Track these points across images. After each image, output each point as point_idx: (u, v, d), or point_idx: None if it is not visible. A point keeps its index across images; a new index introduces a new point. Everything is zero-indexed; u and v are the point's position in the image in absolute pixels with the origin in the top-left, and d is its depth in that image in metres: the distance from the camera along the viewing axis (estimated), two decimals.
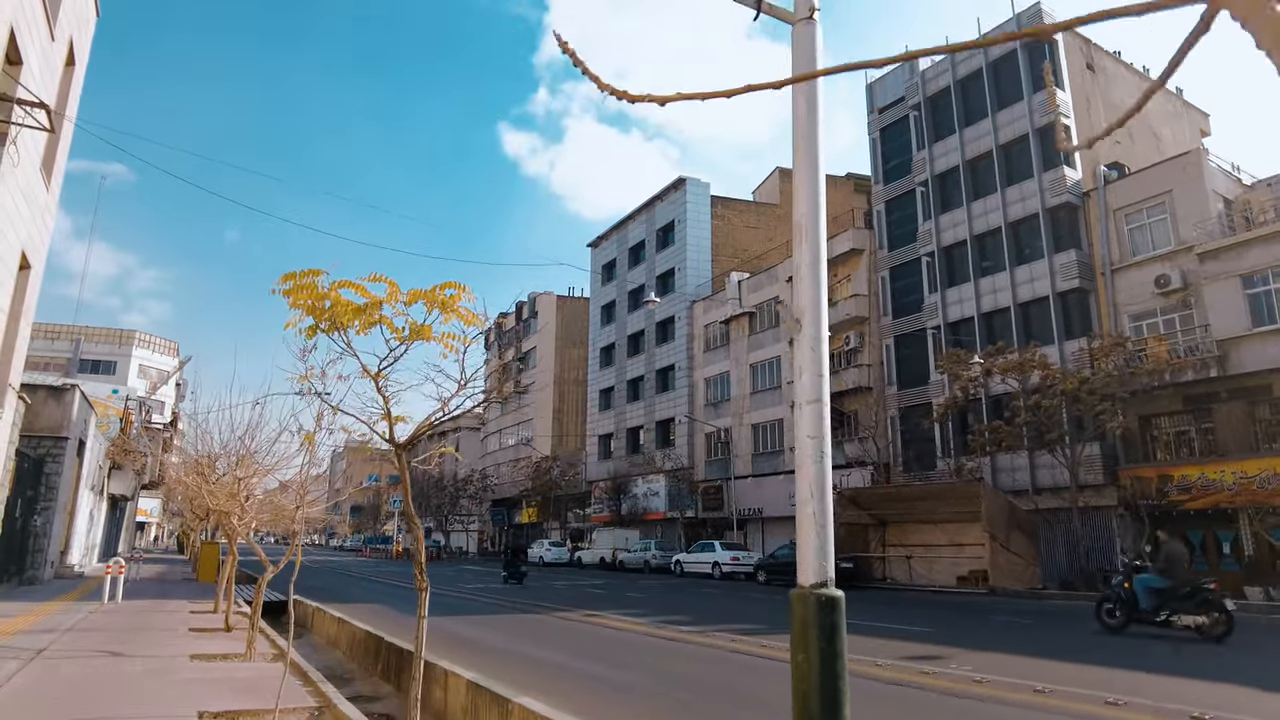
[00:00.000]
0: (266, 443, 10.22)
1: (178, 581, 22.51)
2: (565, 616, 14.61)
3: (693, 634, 11.78)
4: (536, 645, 11.03)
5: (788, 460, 37.60)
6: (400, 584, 25.79)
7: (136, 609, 13.84)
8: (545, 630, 12.74)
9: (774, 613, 15.97)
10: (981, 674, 8.18)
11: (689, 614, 15.15)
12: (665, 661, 9.46)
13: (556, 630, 12.80)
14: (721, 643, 10.81)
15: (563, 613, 15.21)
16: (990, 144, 31.22)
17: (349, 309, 3.76)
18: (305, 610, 14.71)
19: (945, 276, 32.37)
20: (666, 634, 11.90)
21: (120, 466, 33.32)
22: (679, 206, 48.63)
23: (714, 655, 9.70)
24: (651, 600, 18.32)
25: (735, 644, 10.68)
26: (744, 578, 29.14)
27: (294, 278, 3.76)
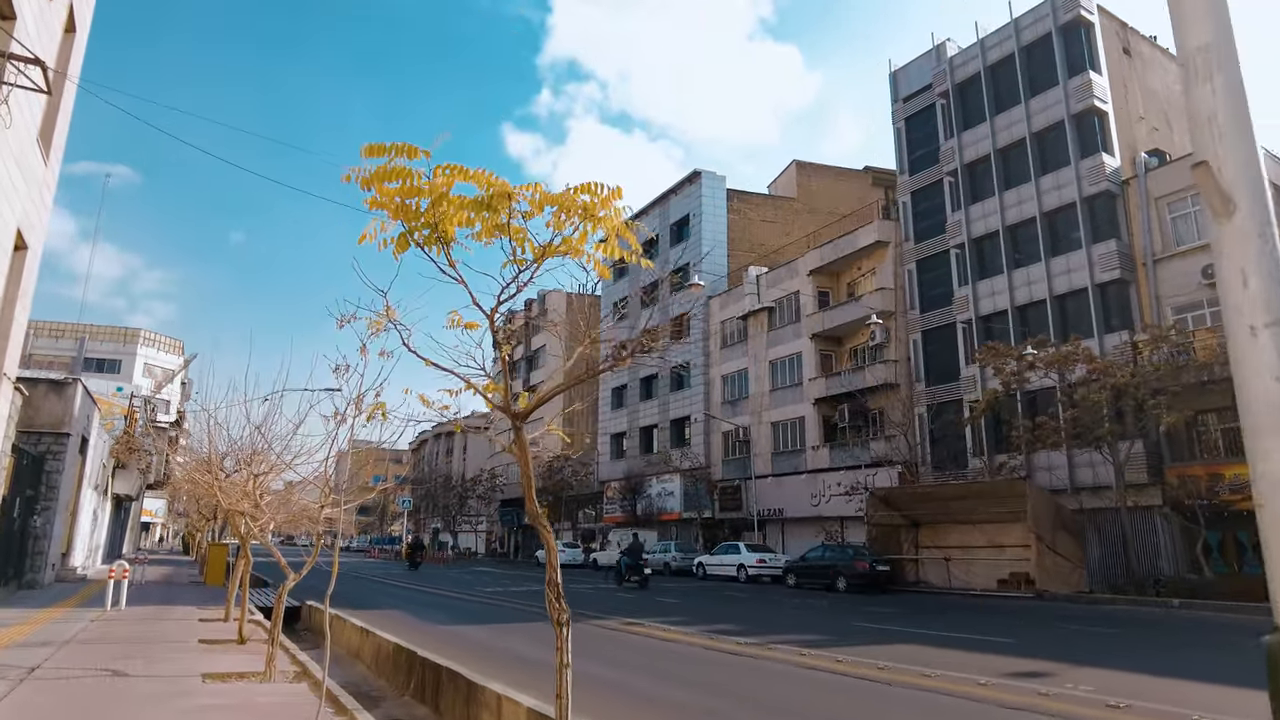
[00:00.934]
0: (282, 436, 9.23)
1: (184, 584, 21.55)
2: (603, 625, 13.59)
3: (753, 646, 10.74)
4: (584, 658, 9.98)
5: (810, 459, 36.57)
6: (416, 587, 24.81)
7: (141, 616, 12.85)
8: (587, 641, 11.70)
9: (826, 621, 14.94)
10: (1112, 696, 7.15)
11: (735, 622, 14.12)
12: (741, 681, 8.43)
13: (599, 641, 11.77)
14: (790, 657, 9.78)
15: (598, 620, 14.18)
16: (1023, 131, 30.12)
17: (462, 206, 2.70)
18: (321, 617, 13.72)
19: (976, 269, 31.28)
20: (726, 646, 10.86)
21: (125, 465, 32.39)
22: (694, 200, 47.60)
23: (794, 674, 8.65)
24: (688, 606, 17.28)
25: (808, 659, 9.64)
26: (769, 580, 28.10)
27: (382, 150, 2.67)
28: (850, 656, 9.64)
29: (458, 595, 21.34)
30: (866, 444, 33.64)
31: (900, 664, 9.03)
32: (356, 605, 17.65)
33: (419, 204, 2.71)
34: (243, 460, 9.06)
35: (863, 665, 8.95)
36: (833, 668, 8.89)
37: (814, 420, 36.79)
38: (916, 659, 9.49)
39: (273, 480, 9.33)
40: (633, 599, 19.48)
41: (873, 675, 8.39)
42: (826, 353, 37.67)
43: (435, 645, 9.86)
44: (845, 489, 30.72)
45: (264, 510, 8.80)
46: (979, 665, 9.03)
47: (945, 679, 8.11)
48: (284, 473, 8.91)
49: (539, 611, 16.11)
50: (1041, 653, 10.26)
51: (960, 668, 8.75)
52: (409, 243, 2.88)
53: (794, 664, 9.22)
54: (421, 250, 2.88)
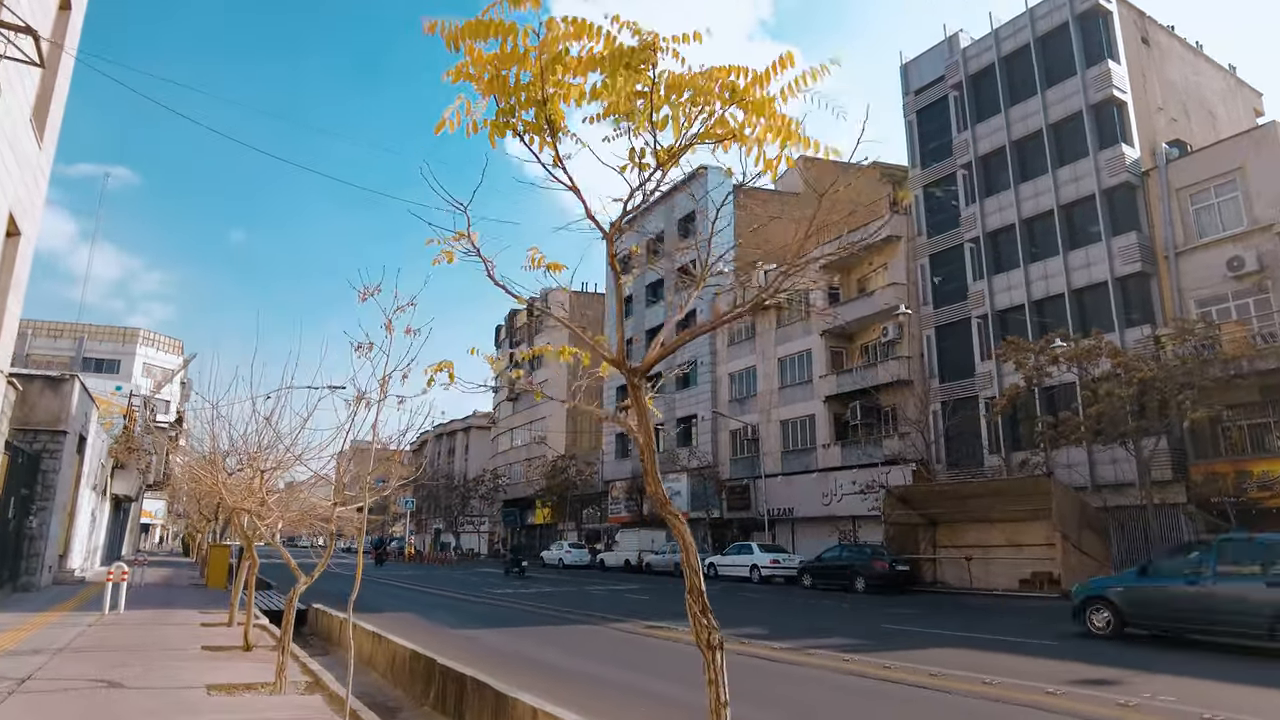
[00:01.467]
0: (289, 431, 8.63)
1: (185, 587, 20.96)
2: (622, 628, 12.99)
3: (789, 651, 10.17)
4: (609, 663, 9.43)
5: (820, 458, 35.99)
6: (421, 588, 24.22)
7: (141, 620, 12.25)
8: (612, 646, 11.14)
9: (855, 623, 14.35)
10: (1203, 708, 6.56)
11: (761, 625, 13.53)
12: (787, 690, 7.85)
13: (623, 646, 11.19)
14: (832, 663, 9.19)
15: (618, 624, 13.58)
16: (1039, 123, 29.54)
17: (589, 65, 2.04)
18: (330, 621, 13.13)
19: (992, 263, 30.70)
20: (759, 651, 10.27)
21: (124, 466, 31.79)
22: (701, 196, 46.96)
23: (844, 683, 8.06)
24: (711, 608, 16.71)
25: (853, 664, 9.06)
26: (782, 581, 27.50)
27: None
28: (896, 662, 9.06)
29: (466, 597, 20.75)
30: (879, 442, 33.05)
31: (953, 670, 8.45)
32: (361, 608, 17.06)
33: (519, 75, 2.11)
34: (248, 456, 8.46)
35: (915, 671, 8.38)
36: (883, 674, 8.30)
37: (824, 418, 36.20)
38: (968, 664, 8.92)
39: (280, 477, 8.73)
40: (648, 601, 18.89)
41: (928, 683, 7.81)
42: (837, 349, 37.10)
43: (452, 651, 9.29)
44: (860, 487, 30.12)
45: (271, 508, 8.21)
46: (1037, 671, 8.45)
47: (1008, 686, 7.54)
48: (293, 467, 8.32)
49: (554, 614, 15.53)
50: (1097, 657, 9.66)
51: (1018, 673, 8.17)
52: (507, 127, 2.26)
53: (839, 670, 8.64)
54: (522, 141, 2.28)
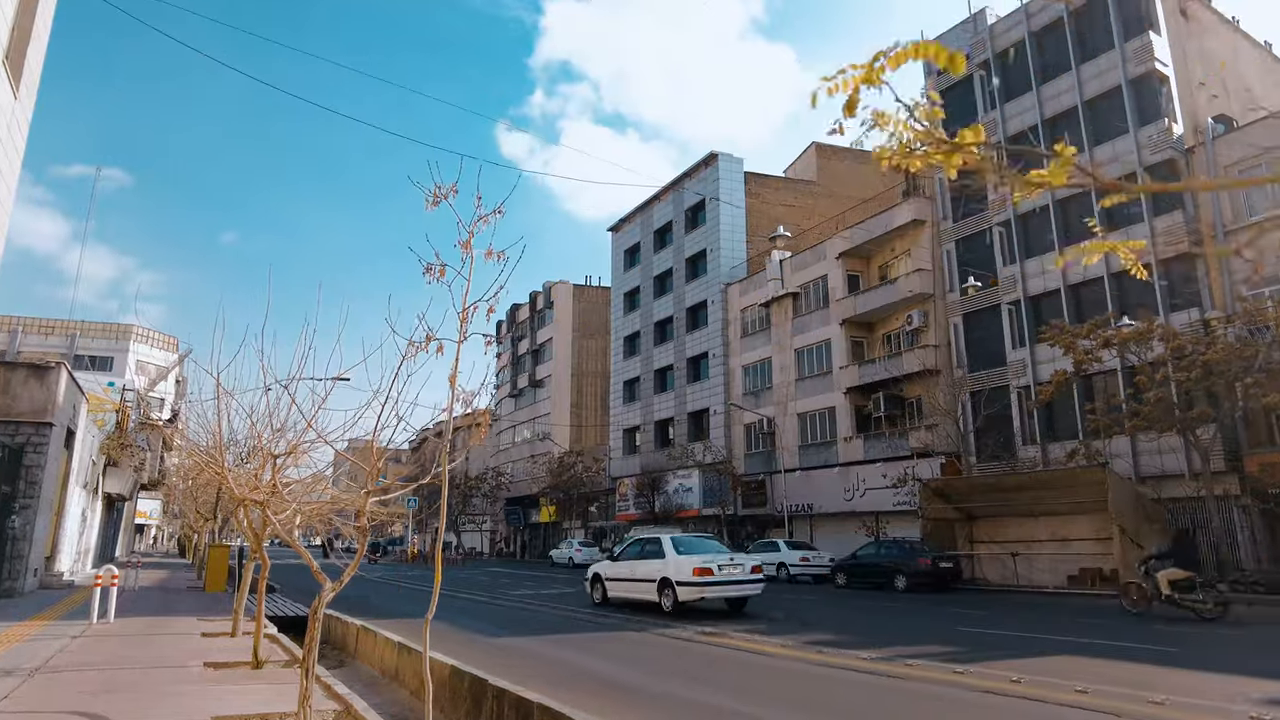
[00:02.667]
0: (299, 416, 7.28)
1: (181, 591, 19.57)
2: (674, 635, 11.65)
3: (879, 661, 8.85)
4: (684, 682, 8.09)
5: (842, 452, 34.72)
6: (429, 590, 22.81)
7: (133, 631, 10.88)
8: (673, 657, 9.80)
9: (925, 625, 13.05)
10: None
11: (824, 629, 12.23)
12: (929, 714, 6.52)
13: (685, 657, 9.86)
14: (945, 676, 7.87)
15: (664, 629, 12.23)
16: (1074, 100, 28.29)
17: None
18: (344, 629, 11.77)
19: (1023, 246, 29.45)
20: (847, 663, 8.96)
21: (117, 463, 30.32)
22: (710, 184, 45.65)
23: (989, 704, 6.71)
24: (750, 611, 15.33)
25: (969, 678, 7.74)
26: (811, 580, 26.20)
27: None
28: (1018, 674, 7.75)
29: (484, 599, 19.40)
30: (906, 434, 31.78)
31: (1102, 685, 7.14)
32: (377, 612, 15.73)
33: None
34: (257, 439, 7.10)
35: (1056, 688, 7.08)
36: (1024, 692, 6.99)
37: (845, 410, 34.92)
38: (1109, 677, 7.64)
39: (296, 464, 7.38)
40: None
41: (1090, 703, 6.49)
42: (858, 339, 35.80)
43: (494, 665, 7.96)
44: (891, 481, 28.82)
45: (286, 499, 6.85)
46: (1197, 687, 7.16)
47: (1191, 709, 6.24)
48: (315, 449, 6.99)
49: (588, 619, 14.19)
50: (1247, 667, 8.38)
51: (1185, 690, 6.88)
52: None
53: (965, 686, 7.32)
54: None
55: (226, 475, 6.75)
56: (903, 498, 29.46)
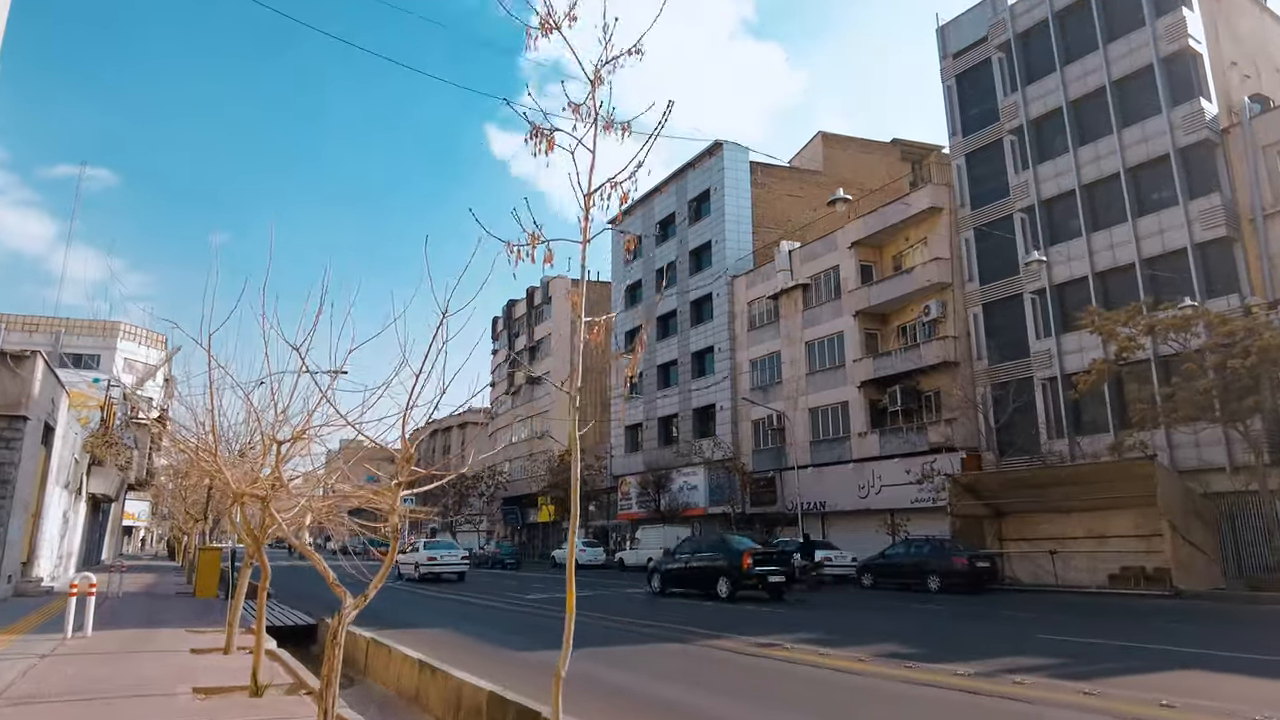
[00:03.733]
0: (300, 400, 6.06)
1: (170, 597, 18.24)
2: (723, 646, 10.44)
3: (980, 679, 7.65)
4: (761, 707, 6.88)
5: (855, 448, 33.60)
6: (443, 594, 21.58)
7: (112, 646, 9.61)
8: (738, 675, 8.60)
9: (994, 632, 11.92)
10: None
11: (890, 639, 11.02)
12: None
13: (749, 674, 8.66)
14: (1074, 698, 6.68)
15: (713, 640, 11.01)
16: (1101, 80, 27.22)
17: None
18: (351, 641, 10.51)
19: (1047, 233, 28.38)
20: (936, 679, 7.78)
21: (101, 462, 28.88)
22: (715, 174, 44.46)
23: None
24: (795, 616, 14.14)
25: (1112, 701, 6.56)
26: (832, 581, 25.05)
27: None
28: (1163, 695, 6.59)
29: (498, 604, 18.16)
30: (924, 429, 30.67)
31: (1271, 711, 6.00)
32: (385, 621, 14.46)
33: None
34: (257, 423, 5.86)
35: (1233, 715, 5.92)
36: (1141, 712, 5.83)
37: (859, 405, 33.80)
38: (1266, 699, 6.49)
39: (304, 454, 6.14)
40: (723, 608, 16.28)
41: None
42: (871, 331, 34.68)
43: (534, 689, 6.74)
44: (916, 477, 27.70)
45: (291, 493, 5.62)
46: None
47: None
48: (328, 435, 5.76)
49: (621, 627, 12.95)
50: None
51: None
52: None
53: (1110, 714, 6.14)
54: None
55: (222, 466, 5.50)
56: (923, 494, 28.40)
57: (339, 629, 4.50)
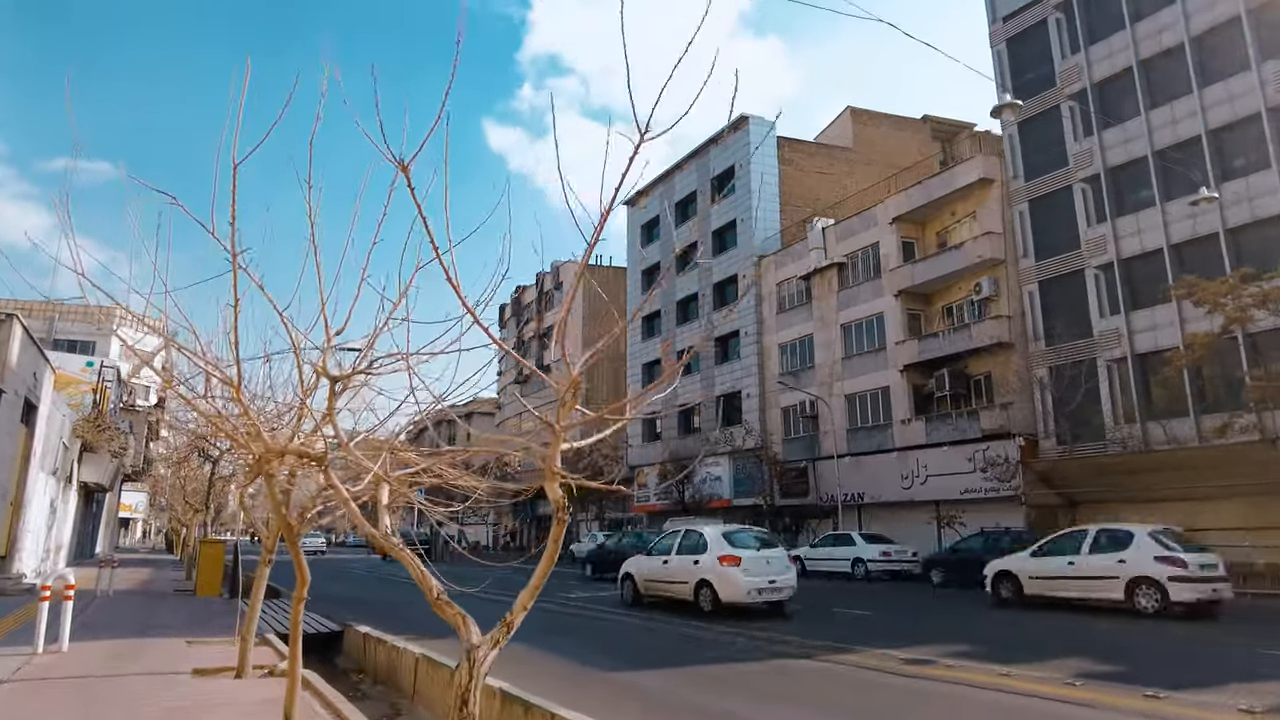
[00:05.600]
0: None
1: (167, 595, 16.20)
2: (854, 661, 8.43)
3: (1198, 708, 5.68)
4: None
5: (898, 435, 31.57)
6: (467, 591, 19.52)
7: (94, 664, 7.57)
8: (900, 705, 6.57)
9: (1150, 647, 9.91)
10: None
11: (1074, 654, 8.99)
12: None
13: (916, 703, 6.62)
14: None
15: (834, 655, 8.98)
16: (1178, 36, 25.10)
17: None
18: (393, 657, 8.47)
19: (1114, 204, 26.30)
20: (1181, 711, 5.78)
21: (93, 449, 26.80)
22: (740, 150, 42.28)
23: None
24: (897, 622, 12.14)
25: None
26: (889, 578, 23.02)
27: None
28: None
29: (542, 603, 16.04)
30: (975, 414, 28.64)
31: None
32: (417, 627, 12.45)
33: None
34: (295, 347, 3.79)
35: None
36: None
37: (902, 390, 31.77)
38: None
39: (365, 406, 4.09)
40: (801, 610, 14.25)
41: None
42: (914, 312, 32.62)
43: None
44: (979, 464, 25.70)
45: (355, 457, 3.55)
46: None
47: None
48: (396, 367, 3.72)
49: (712, 639, 10.90)
50: None
51: None
52: None
53: None
54: None
55: (248, 410, 3.46)
56: (987, 483, 26.41)
57: (469, 687, 2.47)
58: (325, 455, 3.37)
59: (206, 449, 17.80)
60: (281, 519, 4.72)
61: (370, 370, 3.73)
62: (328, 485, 3.52)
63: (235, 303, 3.32)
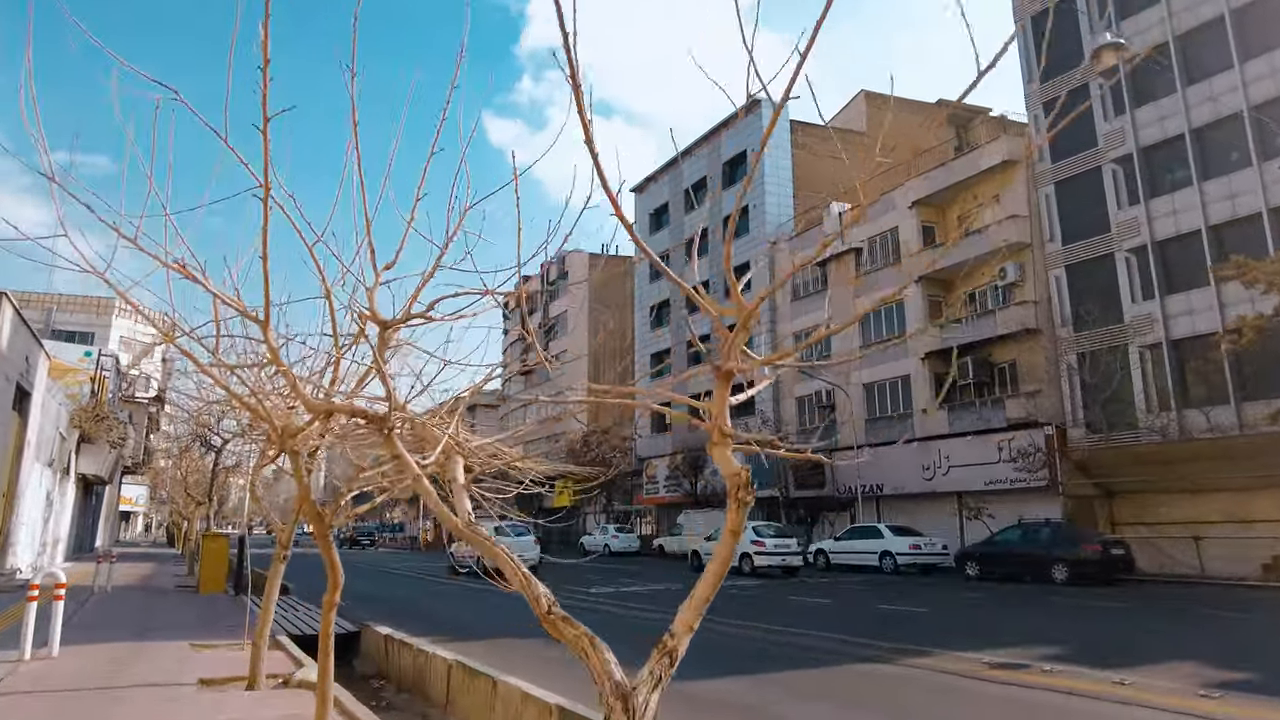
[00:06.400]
0: None
1: (168, 592, 15.36)
2: (934, 665, 7.58)
3: None
4: None
5: (919, 425, 30.70)
6: (486, 588, 18.72)
7: (87, 675, 6.72)
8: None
9: (1249, 646, 9.07)
10: None
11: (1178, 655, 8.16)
12: None
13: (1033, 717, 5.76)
14: None
15: (910, 659, 8.10)
16: (1218, 9, 24.11)
17: None
18: (420, 662, 7.61)
19: (1147, 185, 25.35)
20: None
21: (91, 440, 25.97)
22: (753, 134, 41.33)
23: None
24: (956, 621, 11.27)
25: None
26: (917, 571, 22.19)
27: None
28: None
29: (567, 600, 15.26)
30: (1000, 403, 27.78)
31: None
32: (442, 624, 11.68)
33: None
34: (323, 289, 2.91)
35: None
36: None
37: (923, 378, 30.91)
38: None
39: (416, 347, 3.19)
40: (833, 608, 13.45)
41: None
42: (936, 298, 31.73)
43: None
44: (1014, 454, 24.84)
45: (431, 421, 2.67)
46: None
47: None
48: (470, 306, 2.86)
49: (759, 636, 10.06)
50: None
51: None
52: None
53: None
54: None
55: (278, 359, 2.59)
56: (1000, 474, 25.65)
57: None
58: (389, 415, 2.52)
59: (209, 437, 16.95)
60: (310, 506, 3.87)
61: (428, 315, 2.86)
62: (391, 456, 2.67)
63: (265, 188, 2.42)
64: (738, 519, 2.04)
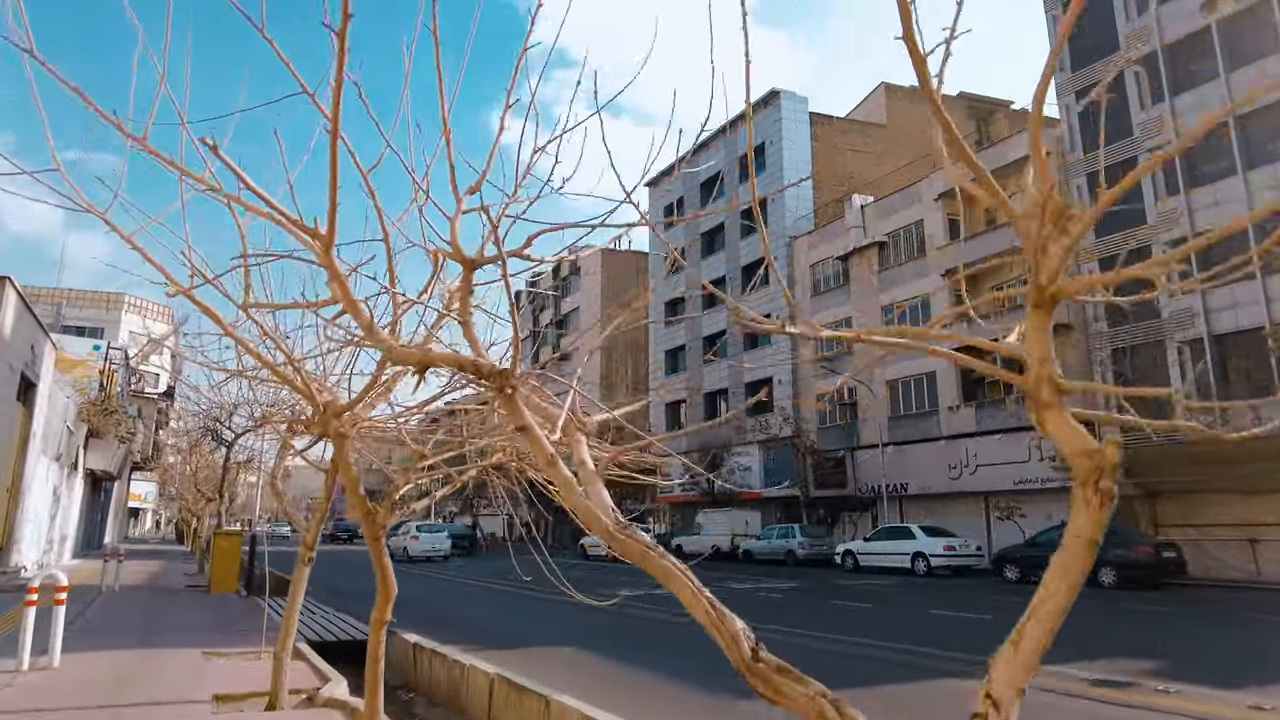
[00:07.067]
0: None
1: (178, 592, 14.73)
2: (1057, 689, 6.82)
3: None
4: None
5: (945, 423, 29.91)
6: (506, 586, 18.07)
7: (91, 689, 6.05)
8: None
9: None
10: None
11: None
12: None
13: None
14: None
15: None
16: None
17: None
18: (453, 672, 6.92)
19: (1187, 176, 24.50)
20: None
21: (100, 434, 25.41)
22: (771, 126, 40.56)
23: None
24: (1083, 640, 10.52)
25: None
26: (950, 573, 21.41)
27: None
28: None
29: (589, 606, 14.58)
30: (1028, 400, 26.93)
31: None
32: (462, 626, 10.96)
33: None
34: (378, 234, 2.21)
35: None
36: None
37: (950, 376, 30.10)
38: None
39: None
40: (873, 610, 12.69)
41: None
42: (961, 293, 30.87)
43: None
44: (1045, 454, 24.05)
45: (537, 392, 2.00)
46: None
47: None
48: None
49: (840, 650, 9.32)
50: None
51: None
52: None
53: None
54: None
55: (351, 295, 1.88)
56: (1031, 474, 24.89)
57: None
58: (513, 371, 1.84)
59: (219, 431, 16.33)
60: (361, 502, 3.18)
61: (523, 253, 2.16)
62: (517, 427, 1.98)
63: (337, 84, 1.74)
64: (1096, 521, 1.34)
